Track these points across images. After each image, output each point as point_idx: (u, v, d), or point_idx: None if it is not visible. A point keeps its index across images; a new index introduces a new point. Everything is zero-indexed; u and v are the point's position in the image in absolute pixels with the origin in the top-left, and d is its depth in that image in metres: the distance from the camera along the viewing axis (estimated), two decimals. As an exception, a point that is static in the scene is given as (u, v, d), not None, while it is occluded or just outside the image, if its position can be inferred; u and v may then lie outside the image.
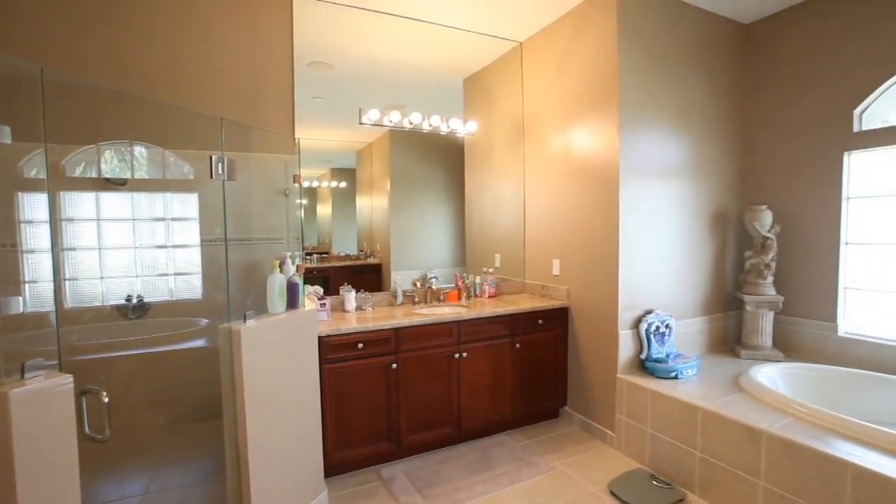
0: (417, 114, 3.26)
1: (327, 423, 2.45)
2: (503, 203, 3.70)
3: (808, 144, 3.03)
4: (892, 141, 2.67)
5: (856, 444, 1.91)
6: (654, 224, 2.92)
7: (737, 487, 2.17)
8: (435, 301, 3.28)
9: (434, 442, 2.85)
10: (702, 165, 3.13)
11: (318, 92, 3.10)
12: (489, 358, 2.94)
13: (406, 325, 2.65)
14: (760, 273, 3.04)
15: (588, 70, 2.93)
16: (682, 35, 2.98)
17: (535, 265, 3.52)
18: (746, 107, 3.35)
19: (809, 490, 1.91)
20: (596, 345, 2.99)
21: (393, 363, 2.62)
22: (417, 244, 3.55)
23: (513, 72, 3.59)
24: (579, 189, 3.06)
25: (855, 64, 2.78)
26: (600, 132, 2.86)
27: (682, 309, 3.08)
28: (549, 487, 2.47)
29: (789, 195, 3.13)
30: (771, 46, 3.19)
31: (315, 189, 3.36)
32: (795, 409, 2.21)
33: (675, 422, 2.47)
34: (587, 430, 3.08)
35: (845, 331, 2.90)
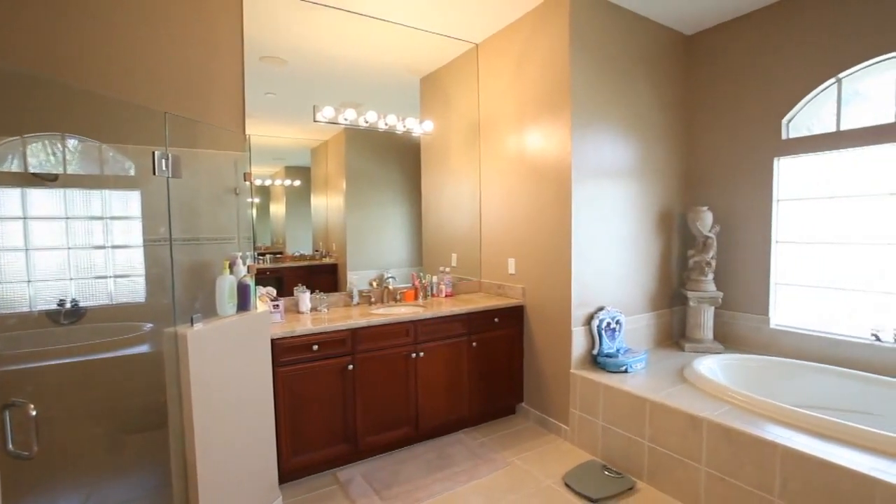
0: (373, 112, 3.23)
1: (281, 427, 2.38)
2: (460, 203, 3.73)
3: (743, 150, 3.23)
4: (815, 148, 2.89)
5: (784, 428, 2.06)
6: (604, 224, 3.03)
7: (681, 473, 2.29)
8: (392, 301, 3.26)
9: (392, 442, 2.84)
10: (649, 168, 3.28)
11: (270, 87, 3.01)
12: (446, 357, 2.96)
13: (362, 326, 2.62)
14: (702, 270, 3.23)
15: (542, 74, 3.00)
16: (630, 43, 3.10)
17: (492, 264, 3.57)
18: (689, 113, 3.54)
19: (745, 471, 2.04)
20: (550, 342, 3.06)
21: (349, 364, 2.58)
22: (374, 244, 3.52)
23: (469, 73, 3.62)
24: (534, 189, 3.13)
25: (784, 76, 3.00)
26: (553, 134, 2.94)
27: (632, 305, 3.22)
28: (506, 483, 2.52)
29: (728, 197, 3.33)
30: (711, 57, 3.39)
31: (268, 188, 3.25)
32: (733, 398, 2.36)
33: (625, 414, 2.58)
34: (543, 425, 3.16)
35: (776, 323, 3.12)
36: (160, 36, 2.27)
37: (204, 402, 1.77)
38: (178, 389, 1.73)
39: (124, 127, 2.23)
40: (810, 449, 1.87)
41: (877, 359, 2.64)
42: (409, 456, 2.81)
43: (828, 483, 1.79)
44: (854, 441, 1.91)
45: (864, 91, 2.74)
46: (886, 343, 2.62)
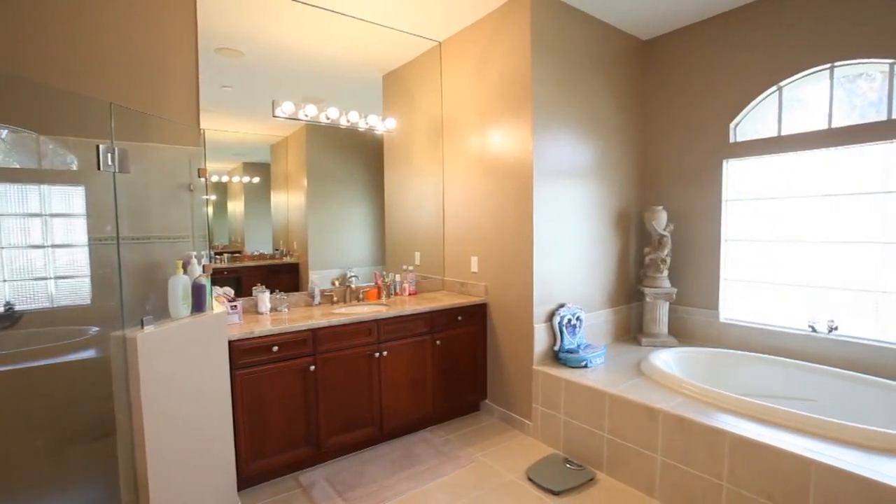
0: (335, 108, 3.17)
1: (240, 432, 2.31)
2: (423, 201, 3.72)
3: (695, 152, 3.38)
4: (759, 151, 3.06)
5: (733, 416, 2.17)
6: (565, 222, 3.10)
7: (639, 463, 2.38)
8: (354, 300, 3.22)
9: (356, 443, 2.80)
10: (607, 168, 3.38)
11: (227, 80, 2.90)
12: (410, 356, 2.95)
13: (324, 326, 2.58)
14: (658, 267, 3.35)
15: (504, 74, 3.03)
16: (589, 46, 3.18)
17: (455, 263, 3.58)
18: (645, 116, 3.67)
19: (697, 458, 2.14)
20: (513, 338, 3.11)
21: (311, 365, 2.53)
22: (336, 242, 3.46)
23: (432, 71, 3.62)
24: (496, 188, 3.16)
25: (731, 82, 3.16)
26: (515, 134, 2.98)
27: (591, 302, 3.31)
28: (471, 479, 2.54)
29: (681, 197, 3.48)
30: (665, 62, 3.52)
31: (225, 184, 3.14)
32: (686, 389, 2.47)
33: (585, 408, 2.65)
34: (506, 421, 3.20)
35: (725, 317, 3.29)
36: (105, 21, 2.15)
37: (156, 408, 1.69)
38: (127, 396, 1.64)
39: (65, 118, 2.10)
40: (755, 434, 1.98)
41: (813, 348, 2.83)
42: (373, 456, 2.79)
43: (770, 465, 1.90)
44: (793, 426, 2.04)
45: (803, 98, 2.92)
46: (821, 334, 2.81)
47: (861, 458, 1.78)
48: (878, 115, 2.61)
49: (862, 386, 2.50)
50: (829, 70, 2.78)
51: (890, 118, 2.56)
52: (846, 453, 1.82)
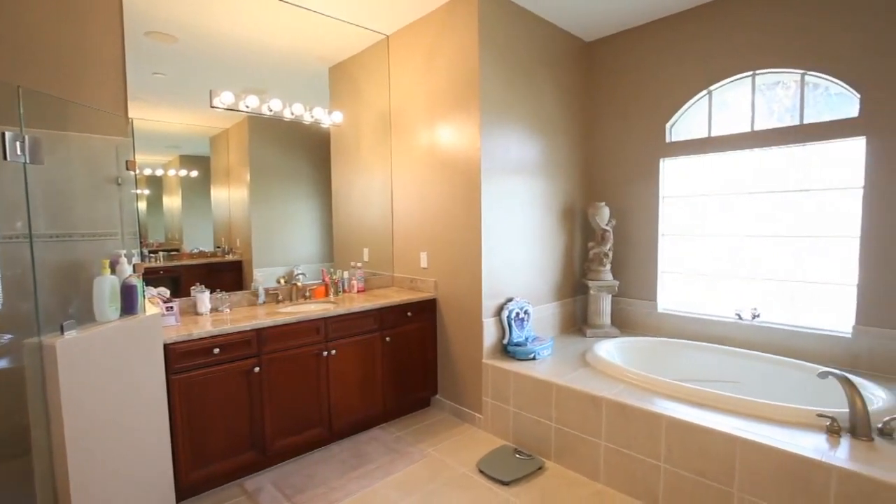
0: (278, 100, 3.05)
1: (178, 440, 2.18)
2: (371, 197, 3.67)
3: (635, 151, 3.54)
4: (692, 151, 3.25)
5: (669, 400, 2.30)
6: (513, 218, 3.16)
7: (584, 449, 2.47)
8: (301, 298, 3.13)
9: (305, 445, 2.73)
10: (553, 165, 3.47)
11: (159, 67, 2.72)
12: (359, 353, 2.91)
13: (269, 325, 2.49)
14: (601, 261, 3.49)
15: (452, 69, 3.04)
16: (536, 45, 3.25)
17: (404, 258, 3.56)
18: (589, 115, 3.79)
19: (637, 442, 2.25)
20: (463, 333, 3.14)
21: (255, 366, 2.44)
22: (282, 239, 3.35)
23: (380, 64, 3.56)
24: (445, 184, 3.16)
25: (667, 85, 3.33)
26: (463, 130, 2.99)
27: (539, 295, 3.39)
28: (423, 474, 2.54)
29: (622, 193, 3.63)
30: (607, 64, 3.66)
31: (161, 178, 2.95)
32: (628, 377, 2.58)
33: (533, 399, 2.71)
34: (457, 415, 3.23)
35: (663, 308, 3.47)
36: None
37: (79, 421, 1.56)
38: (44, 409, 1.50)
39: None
40: (688, 417, 2.11)
41: (740, 334, 3.05)
42: (323, 457, 2.73)
43: (702, 445, 2.03)
44: (722, 407, 2.19)
45: (730, 102, 3.12)
46: (746, 321, 3.03)
47: (780, 433, 1.94)
48: (793, 119, 2.84)
49: (781, 367, 2.72)
50: (751, 77, 2.99)
51: (802, 123, 2.80)
52: (767, 429, 1.98)
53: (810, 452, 1.80)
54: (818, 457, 1.77)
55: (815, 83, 2.76)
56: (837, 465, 1.72)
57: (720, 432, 1.99)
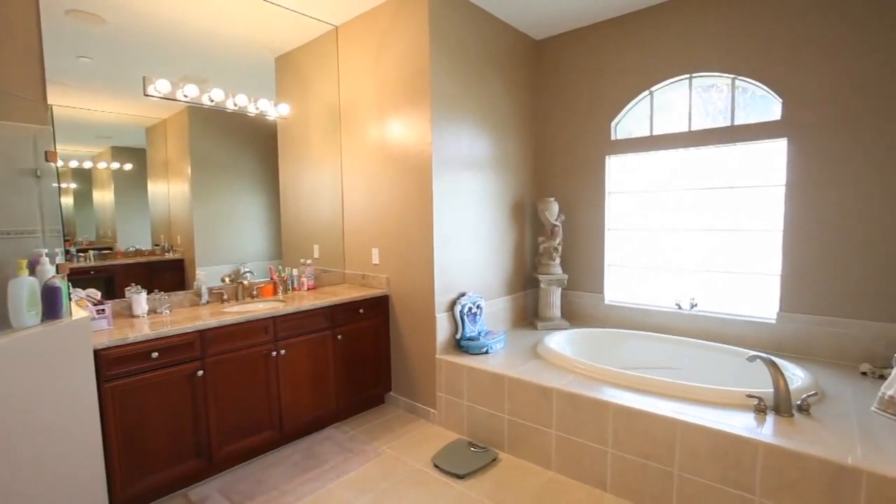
0: (220, 90, 2.91)
1: (113, 452, 2.04)
2: (321, 192, 3.58)
3: (582, 147, 3.65)
4: (635, 149, 3.39)
5: (615, 388, 2.40)
6: (464, 213, 3.18)
7: (536, 439, 2.54)
8: (248, 297, 3.01)
9: (254, 449, 2.64)
10: (504, 161, 3.52)
11: (85, 50, 2.52)
12: (310, 352, 2.84)
13: (213, 326, 2.37)
14: (551, 255, 3.58)
15: (403, 63, 3.01)
16: (486, 42, 3.27)
17: (355, 255, 3.50)
18: (538, 111, 3.87)
19: (587, 430, 2.33)
20: (416, 329, 3.13)
21: (199, 370, 2.32)
22: (227, 236, 3.20)
23: (329, 56, 3.47)
24: (396, 179, 3.13)
25: (612, 84, 3.45)
26: (414, 125, 2.98)
27: (491, 290, 3.44)
28: (377, 472, 2.52)
29: (571, 189, 3.74)
30: (555, 62, 3.74)
31: (89, 171, 2.74)
32: (577, 367, 2.67)
33: (487, 392, 2.75)
34: (412, 412, 3.22)
35: (609, 300, 3.61)
36: None
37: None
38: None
39: None
40: (633, 403, 2.21)
41: (679, 324, 3.23)
42: (274, 461, 2.64)
43: (645, 429, 2.14)
44: (663, 392, 2.31)
45: (670, 103, 3.28)
46: (685, 311, 3.21)
47: (714, 414, 2.07)
48: (725, 121, 3.03)
49: (716, 353, 2.90)
50: (688, 80, 3.15)
51: (733, 124, 2.98)
52: (703, 411, 2.10)
53: (740, 430, 1.93)
54: (747, 434, 1.90)
55: (745, 87, 2.95)
56: (763, 440, 1.85)
57: (662, 416, 2.09)
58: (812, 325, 2.76)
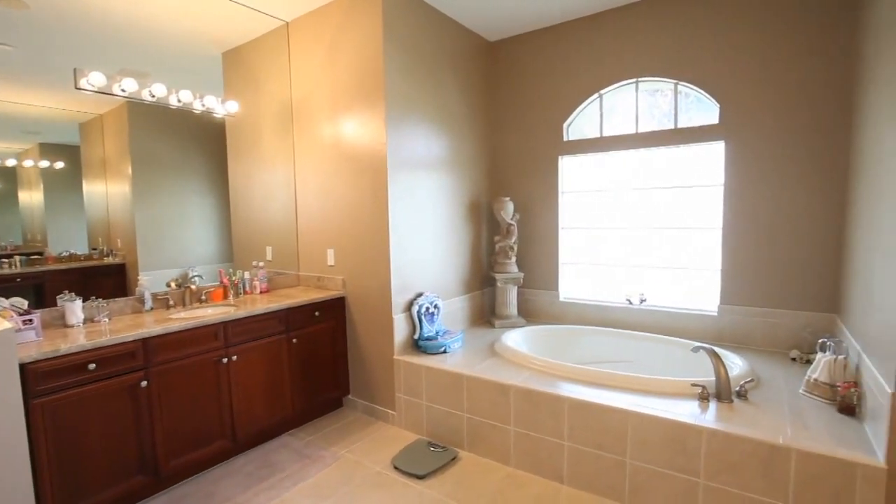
0: (161, 85, 2.76)
1: (43, 475, 1.89)
2: (273, 192, 3.48)
3: (536, 148, 3.73)
4: (587, 150, 3.50)
5: (571, 383, 2.46)
6: (421, 213, 3.17)
7: (495, 436, 2.57)
8: (197, 303, 2.88)
9: (205, 461, 2.52)
10: (460, 161, 3.54)
11: (5, 37, 2.32)
12: (264, 357, 2.75)
13: (158, 334, 2.25)
14: (507, 254, 3.64)
15: (357, 62, 2.96)
16: (441, 42, 3.28)
17: (310, 256, 3.43)
18: (493, 112, 3.92)
19: (544, 425, 2.38)
20: (373, 330, 3.10)
21: (143, 380, 2.20)
22: (174, 239, 3.05)
23: (279, 52, 3.37)
24: (351, 179, 3.09)
25: (564, 86, 3.54)
26: (369, 124, 2.94)
27: (448, 289, 3.45)
28: (336, 477, 2.47)
29: (525, 189, 3.81)
30: (509, 63, 3.80)
31: (14, 169, 2.53)
32: (533, 364, 2.72)
33: (445, 391, 2.76)
34: (371, 414, 3.19)
35: (564, 297, 3.71)
36: None
37: None
38: None
39: None
40: (587, 397, 2.28)
41: (630, 318, 3.36)
42: (226, 472, 2.54)
43: (599, 421, 2.21)
44: (616, 385, 2.40)
45: (618, 106, 3.40)
46: (635, 306, 3.35)
47: (663, 404, 2.17)
48: (669, 123, 3.17)
49: (663, 345, 3.04)
50: (635, 84, 3.28)
51: (676, 127, 3.14)
52: (653, 401, 2.20)
53: (686, 418, 2.03)
54: (692, 421, 2.00)
55: (687, 92, 3.11)
56: (706, 426, 1.96)
57: (614, 408, 2.17)
58: (749, 316, 2.94)
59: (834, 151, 2.64)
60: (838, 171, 2.63)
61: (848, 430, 1.89)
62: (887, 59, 1.88)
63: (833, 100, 2.62)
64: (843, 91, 2.58)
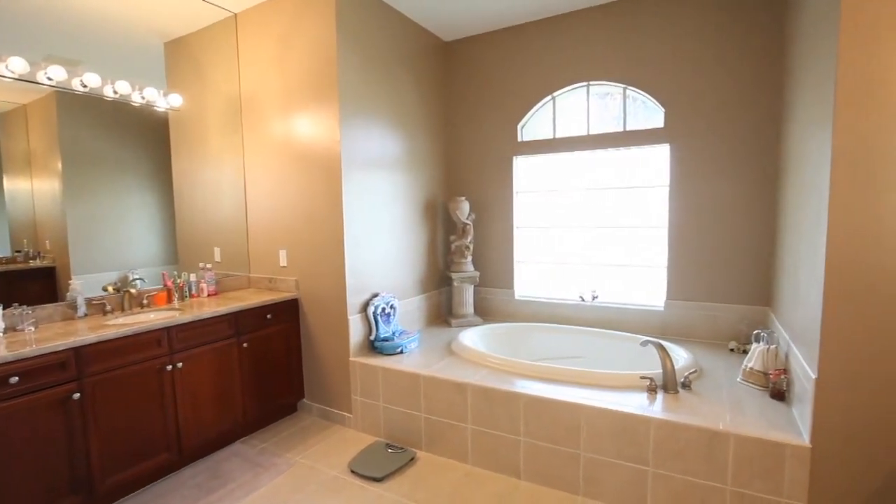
0: (95, 75, 2.58)
1: (-40, 496, 1.73)
2: (222, 190, 3.33)
3: (491, 148, 3.77)
4: (540, 150, 3.58)
5: (526, 380, 2.51)
6: (376, 212, 3.14)
7: (453, 435, 2.57)
8: (137, 307, 2.71)
9: (148, 475, 2.38)
10: (415, 160, 3.53)
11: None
12: (213, 363, 2.63)
13: (93, 342, 2.10)
14: (462, 254, 3.66)
15: (309, 58, 2.89)
16: (396, 41, 3.25)
17: (261, 257, 3.31)
18: (448, 112, 3.93)
19: (501, 422, 2.41)
20: (328, 332, 3.03)
21: (75, 393, 2.04)
22: (111, 240, 2.86)
23: (227, 45, 3.24)
24: (304, 177, 3.01)
25: (518, 88, 3.60)
26: (322, 122, 2.88)
27: (404, 289, 3.43)
28: (290, 485, 2.40)
29: (481, 188, 3.84)
30: (464, 64, 3.83)
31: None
32: (490, 362, 2.75)
33: (402, 392, 2.74)
34: (326, 418, 3.12)
35: (520, 295, 3.77)
36: None
37: None
38: None
39: None
40: (542, 392, 2.33)
41: (583, 315, 3.46)
42: (172, 486, 2.41)
43: (554, 415, 2.26)
44: (569, 379, 2.46)
45: (570, 108, 3.49)
46: (588, 303, 3.45)
47: (613, 397, 2.25)
48: (619, 126, 3.30)
49: (614, 340, 3.15)
50: (586, 87, 3.39)
51: (625, 130, 3.26)
52: (604, 395, 2.27)
53: (635, 409, 2.11)
54: (640, 412, 2.09)
55: (635, 97, 3.24)
56: (654, 416, 2.05)
57: (568, 403, 2.23)
58: (692, 310, 3.10)
59: (767, 154, 2.83)
60: (771, 171, 2.82)
61: (778, 414, 2.03)
62: (808, 66, 2.04)
63: (765, 104, 2.81)
64: (774, 94, 2.77)
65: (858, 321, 1.67)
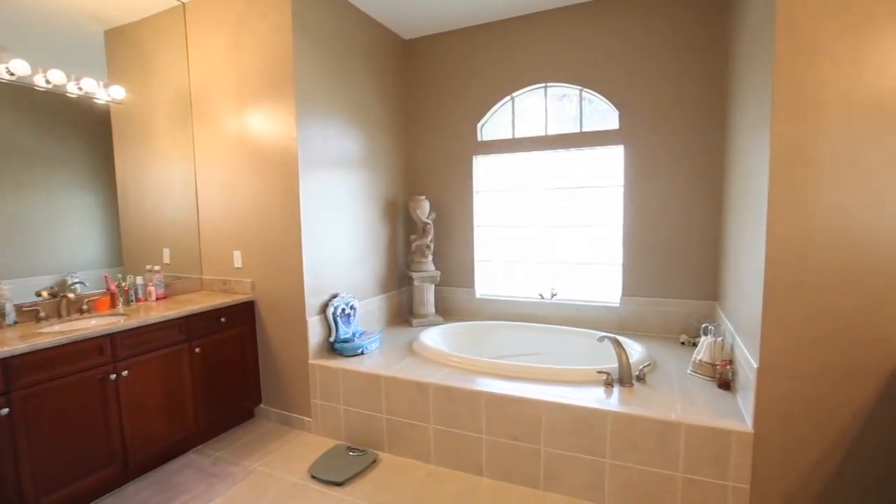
0: (23, 62, 2.38)
1: None
2: (171, 188, 3.17)
3: (451, 147, 3.78)
4: (500, 150, 3.61)
5: (487, 377, 2.53)
6: (335, 212, 3.07)
7: (415, 435, 2.56)
8: (77, 313, 2.54)
9: (89, 493, 2.23)
10: (375, 159, 3.48)
11: None
12: (161, 371, 2.50)
13: (23, 352, 1.95)
14: (423, 253, 3.64)
15: (264, 52, 2.79)
16: (355, 38, 3.19)
17: (214, 259, 3.18)
18: (408, 110, 3.91)
19: (463, 420, 2.42)
20: (286, 335, 2.95)
21: (2, 408, 1.88)
22: (46, 241, 2.65)
23: (175, 35, 3.08)
24: (258, 176, 2.91)
25: (478, 87, 3.62)
26: (278, 118, 2.79)
27: (364, 289, 3.38)
28: (247, 495, 2.31)
29: (441, 188, 3.84)
30: (424, 62, 3.81)
31: None
32: (451, 361, 2.75)
33: (363, 393, 2.70)
34: (285, 423, 3.03)
35: (480, 293, 3.80)
36: None
37: None
38: None
39: None
40: (502, 390, 2.35)
41: (542, 312, 3.53)
42: (116, 502, 2.27)
43: (514, 412, 2.29)
44: (529, 376, 2.50)
45: (529, 109, 3.55)
46: (546, 300, 3.52)
47: (572, 392, 2.30)
48: (575, 127, 3.38)
49: (573, 336, 3.23)
50: (544, 89, 3.45)
51: (581, 131, 3.34)
52: (563, 390, 2.32)
53: (592, 403, 2.17)
54: (598, 405, 2.15)
55: (591, 99, 3.32)
56: (611, 409, 2.11)
57: (528, 399, 2.26)
58: (645, 306, 3.22)
59: (714, 157, 2.97)
60: (717, 173, 2.97)
61: (725, 403, 2.14)
62: (748, 75, 2.16)
63: (712, 108, 2.95)
64: (721, 99, 2.92)
65: (795, 313, 1.79)
